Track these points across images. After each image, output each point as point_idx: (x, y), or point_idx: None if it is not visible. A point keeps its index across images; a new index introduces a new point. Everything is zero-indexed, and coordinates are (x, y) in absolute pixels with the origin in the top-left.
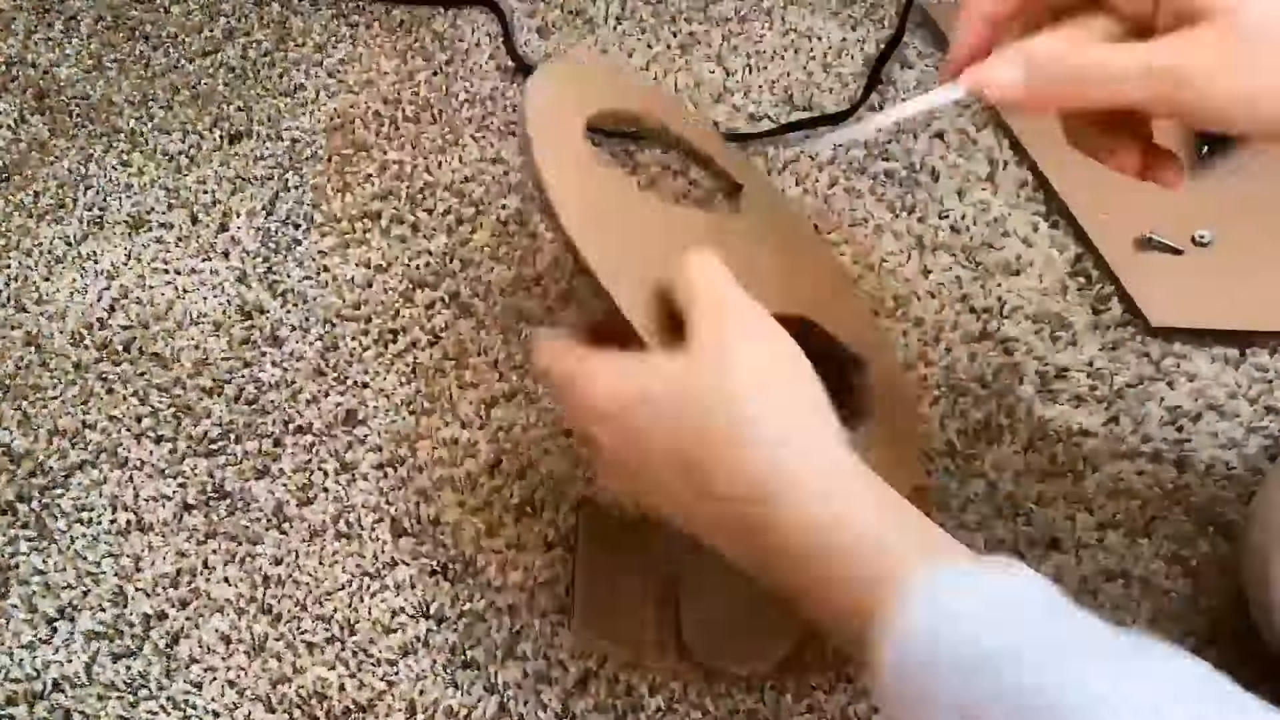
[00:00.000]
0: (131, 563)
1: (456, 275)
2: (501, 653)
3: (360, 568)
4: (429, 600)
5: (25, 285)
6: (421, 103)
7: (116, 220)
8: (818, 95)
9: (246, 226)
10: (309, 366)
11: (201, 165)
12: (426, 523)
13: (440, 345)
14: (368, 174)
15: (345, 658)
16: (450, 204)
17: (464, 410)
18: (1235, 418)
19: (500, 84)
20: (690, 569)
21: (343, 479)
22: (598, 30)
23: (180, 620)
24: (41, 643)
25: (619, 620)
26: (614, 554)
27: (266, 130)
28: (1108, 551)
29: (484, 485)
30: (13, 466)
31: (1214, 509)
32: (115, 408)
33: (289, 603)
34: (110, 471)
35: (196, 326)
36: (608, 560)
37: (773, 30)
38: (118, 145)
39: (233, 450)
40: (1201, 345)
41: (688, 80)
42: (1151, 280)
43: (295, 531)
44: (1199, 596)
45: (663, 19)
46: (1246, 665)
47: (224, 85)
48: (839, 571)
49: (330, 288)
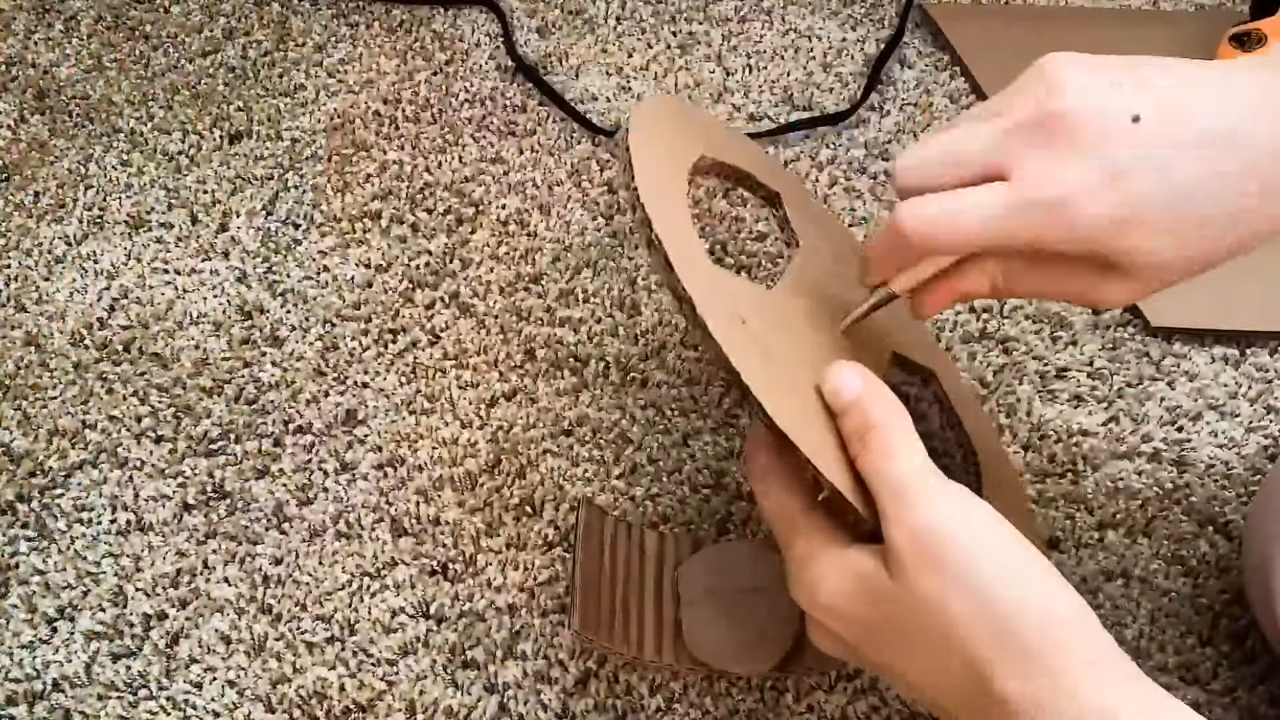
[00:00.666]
0: (131, 563)
1: (456, 275)
2: (501, 653)
3: (360, 568)
4: (429, 600)
5: (25, 285)
6: (421, 103)
7: (116, 220)
8: (818, 95)
9: (246, 226)
10: (309, 366)
11: (201, 165)
12: (426, 522)
13: (440, 345)
14: (368, 174)
15: (345, 658)
16: (450, 204)
17: (464, 410)
18: (1235, 418)
19: (500, 84)
20: (689, 569)
21: (343, 479)
22: (598, 30)
23: (180, 620)
24: (41, 643)
25: (618, 620)
26: (613, 553)
27: (266, 130)
28: (1107, 551)
29: (484, 485)
30: (13, 466)
31: (1214, 509)
32: (115, 408)
33: (289, 603)
34: (110, 471)
35: (196, 326)
36: (607, 560)
37: (773, 30)
38: (118, 145)
39: (233, 450)
40: (1201, 345)
41: (688, 80)
42: None
43: (295, 531)
44: (1199, 596)
45: (663, 19)
46: (1246, 665)
47: (224, 85)
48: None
49: (330, 288)
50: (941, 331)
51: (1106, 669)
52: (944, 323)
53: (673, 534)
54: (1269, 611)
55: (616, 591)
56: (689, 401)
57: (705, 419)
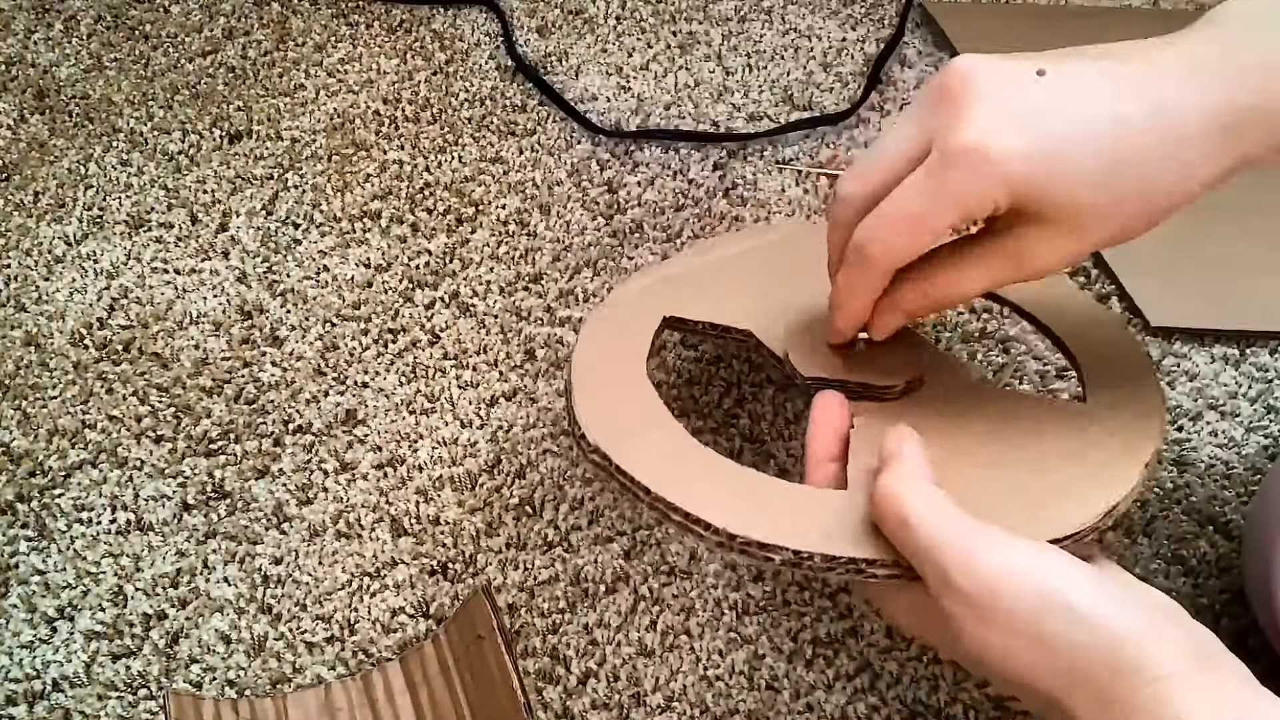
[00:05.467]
0: (131, 562)
1: (456, 275)
2: None
3: (360, 568)
4: (429, 600)
5: (25, 285)
6: (421, 103)
7: (116, 220)
8: (818, 95)
9: (246, 226)
10: (309, 366)
11: (201, 165)
12: (426, 522)
13: (440, 345)
14: (368, 174)
15: (345, 658)
16: (450, 204)
17: (464, 410)
18: (1235, 418)
19: (500, 84)
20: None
21: (343, 479)
22: (597, 30)
23: (180, 620)
24: (41, 642)
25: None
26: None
27: (266, 130)
28: (1108, 551)
29: (484, 485)
30: (12, 466)
31: (1214, 509)
32: (115, 408)
33: (289, 603)
34: (110, 471)
35: (196, 326)
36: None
37: (773, 30)
38: (118, 145)
39: (233, 450)
40: (1201, 345)
41: (688, 80)
42: (1151, 280)
43: (295, 531)
44: (1199, 596)
45: (663, 19)
46: (1247, 665)
47: (224, 85)
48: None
49: (330, 288)
50: (941, 332)
51: (1178, 681)
52: (944, 322)
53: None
54: (1269, 611)
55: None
56: (689, 401)
57: (705, 419)
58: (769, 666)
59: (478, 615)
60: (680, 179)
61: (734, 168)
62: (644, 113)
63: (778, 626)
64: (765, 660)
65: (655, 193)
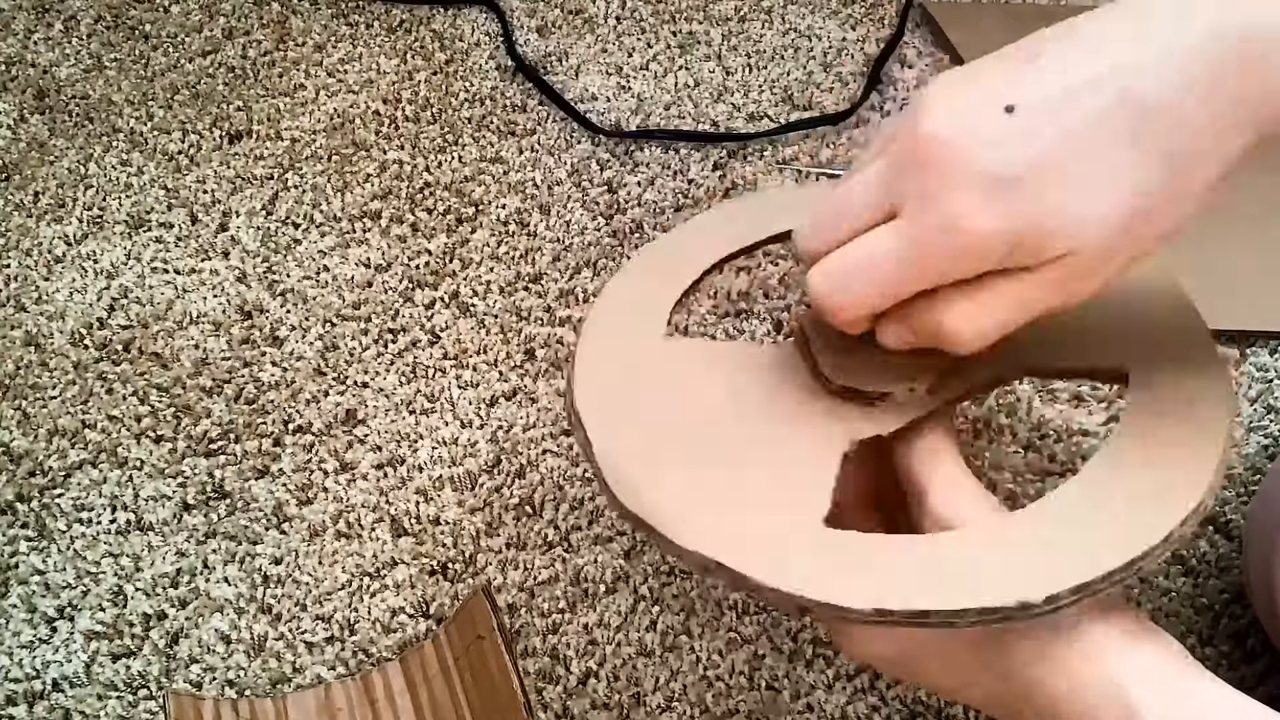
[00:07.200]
0: (131, 562)
1: (456, 275)
2: None
3: (360, 568)
4: (429, 600)
5: (25, 285)
6: (421, 102)
7: (116, 220)
8: (818, 95)
9: (246, 226)
10: (309, 366)
11: (201, 165)
12: (426, 522)
13: (440, 345)
14: (367, 174)
15: (345, 658)
16: (450, 204)
17: (464, 410)
18: (1235, 417)
19: (500, 84)
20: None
21: (343, 479)
22: (597, 30)
23: (180, 620)
24: (41, 642)
25: None
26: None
27: (266, 130)
28: None
29: (484, 485)
30: (12, 466)
31: (1214, 509)
32: (115, 408)
33: (289, 603)
34: (110, 471)
35: (196, 326)
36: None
37: (773, 30)
38: (118, 145)
39: (233, 450)
40: None
41: (688, 80)
42: None
43: (295, 531)
44: (1199, 596)
45: (663, 18)
46: (1247, 665)
47: (224, 85)
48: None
49: (330, 287)
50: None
51: (1133, 648)
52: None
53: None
54: (1269, 611)
55: None
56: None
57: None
58: (769, 666)
59: (478, 615)
60: (680, 179)
61: (734, 168)
62: (644, 113)
63: (778, 626)
64: (765, 660)
65: (655, 193)
